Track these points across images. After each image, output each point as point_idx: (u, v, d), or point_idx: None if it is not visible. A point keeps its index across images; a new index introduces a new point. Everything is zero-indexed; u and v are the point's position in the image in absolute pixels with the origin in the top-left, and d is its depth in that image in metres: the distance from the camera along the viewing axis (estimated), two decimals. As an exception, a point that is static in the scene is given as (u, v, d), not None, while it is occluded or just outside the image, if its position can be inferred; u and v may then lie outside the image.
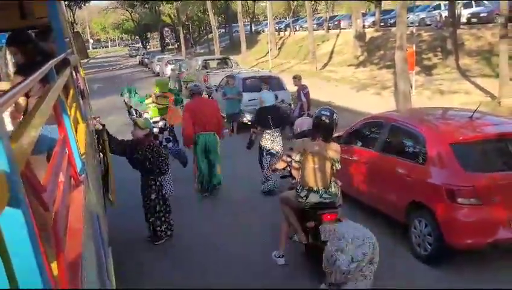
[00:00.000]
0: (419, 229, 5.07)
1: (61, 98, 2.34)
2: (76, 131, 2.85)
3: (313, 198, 4.57)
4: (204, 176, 7.32)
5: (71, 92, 3.43)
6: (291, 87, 12.55)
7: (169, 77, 25.74)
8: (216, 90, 13.50)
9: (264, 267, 5.05)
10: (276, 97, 10.66)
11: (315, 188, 4.57)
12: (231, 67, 18.19)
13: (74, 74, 4.29)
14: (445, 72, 18.25)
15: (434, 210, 4.83)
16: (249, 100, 11.46)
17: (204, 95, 9.85)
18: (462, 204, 4.62)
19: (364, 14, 33.85)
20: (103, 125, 5.28)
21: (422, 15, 26.70)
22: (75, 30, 13.50)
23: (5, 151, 0.89)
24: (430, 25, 25.67)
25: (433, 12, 27.09)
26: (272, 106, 7.70)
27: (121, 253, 4.76)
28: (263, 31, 50.05)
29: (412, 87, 14.16)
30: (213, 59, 20.83)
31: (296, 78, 9.77)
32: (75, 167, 2.36)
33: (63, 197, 1.68)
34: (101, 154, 5.15)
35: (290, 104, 11.32)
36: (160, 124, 7.71)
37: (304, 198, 4.60)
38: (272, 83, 11.67)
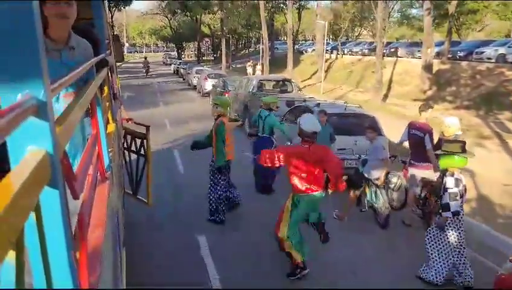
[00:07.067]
0: None
1: (98, 95, 2.34)
2: (105, 129, 2.82)
3: None
4: None
5: (105, 91, 3.48)
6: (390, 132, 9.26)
7: (209, 93, 22.80)
8: (281, 122, 9.48)
9: None
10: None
11: None
12: (291, 92, 14.92)
13: (110, 74, 4.43)
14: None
15: None
16: (338, 149, 8.07)
17: None
18: None
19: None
20: (147, 127, 5.10)
21: (502, 50, 23.50)
22: (115, 33, 12.87)
23: (51, 133, 0.92)
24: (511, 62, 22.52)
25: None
26: None
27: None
28: (306, 51, 47.46)
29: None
30: (269, 80, 16.98)
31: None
32: (103, 163, 2.42)
33: (90, 190, 1.71)
34: (139, 156, 5.21)
35: (394, 156, 7.59)
36: None
37: None
38: (363, 124, 8.28)
